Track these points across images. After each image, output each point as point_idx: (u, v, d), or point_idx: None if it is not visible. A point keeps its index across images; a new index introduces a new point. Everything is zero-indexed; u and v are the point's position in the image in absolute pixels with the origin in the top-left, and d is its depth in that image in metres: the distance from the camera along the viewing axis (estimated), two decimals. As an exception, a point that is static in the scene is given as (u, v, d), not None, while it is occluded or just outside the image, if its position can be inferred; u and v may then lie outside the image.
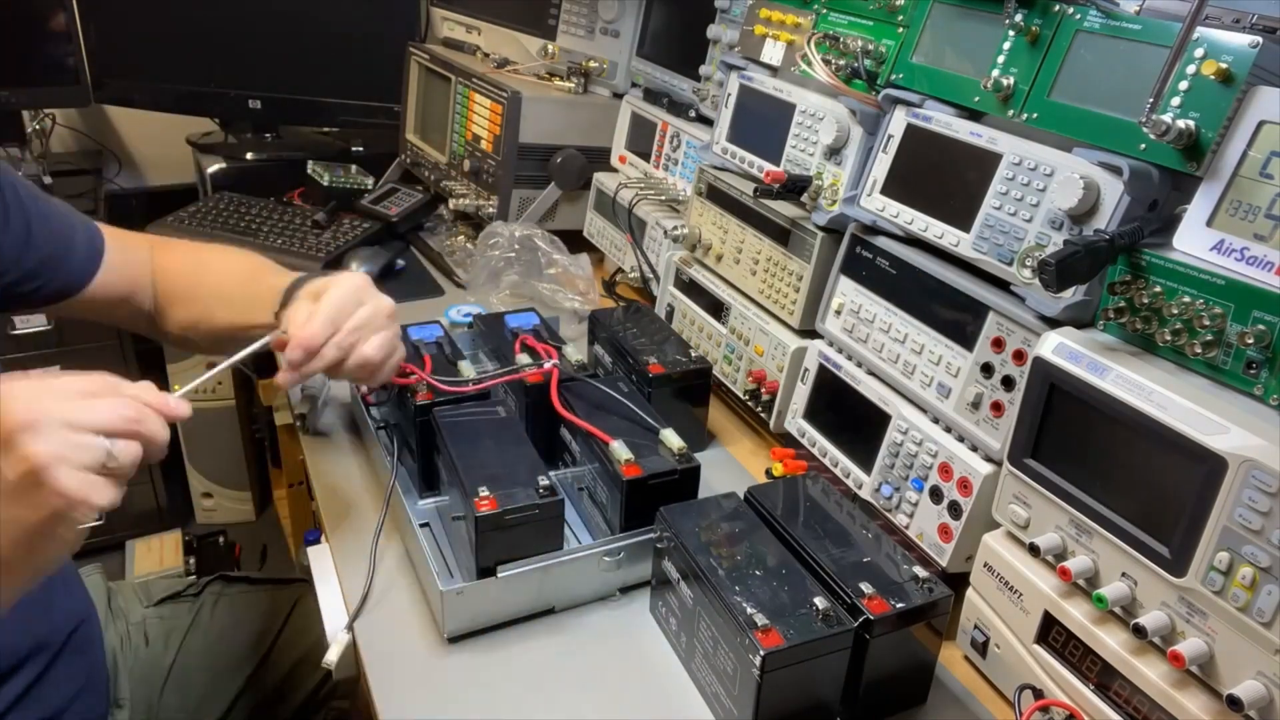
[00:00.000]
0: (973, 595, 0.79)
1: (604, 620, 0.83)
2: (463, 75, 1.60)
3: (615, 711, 0.74)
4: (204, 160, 1.90)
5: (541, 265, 1.39)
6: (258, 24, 1.87)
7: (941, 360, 0.85)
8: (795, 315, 1.05)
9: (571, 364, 1.03)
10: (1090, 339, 0.69)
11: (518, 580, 0.80)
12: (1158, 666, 0.64)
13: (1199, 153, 0.65)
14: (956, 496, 0.82)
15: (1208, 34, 0.65)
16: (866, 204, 0.94)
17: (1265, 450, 0.56)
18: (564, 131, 1.53)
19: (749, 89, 1.14)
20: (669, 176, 1.41)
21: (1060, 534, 0.71)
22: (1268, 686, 0.57)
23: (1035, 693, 0.72)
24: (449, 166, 1.66)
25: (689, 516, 0.80)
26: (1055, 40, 0.77)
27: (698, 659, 0.75)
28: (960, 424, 0.83)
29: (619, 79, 1.57)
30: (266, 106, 1.93)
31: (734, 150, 1.15)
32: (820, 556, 0.75)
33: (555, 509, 0.80)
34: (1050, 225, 0.75)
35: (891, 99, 0.92)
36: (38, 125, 1.91)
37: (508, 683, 0.76)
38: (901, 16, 0.94)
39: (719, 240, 1.18)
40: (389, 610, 0.83)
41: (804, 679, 0.68)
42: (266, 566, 2.12)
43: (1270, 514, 0.55)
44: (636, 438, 0.88)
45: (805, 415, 1.02)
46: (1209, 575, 0.59)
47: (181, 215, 1.64)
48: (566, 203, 1.59)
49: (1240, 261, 0.62)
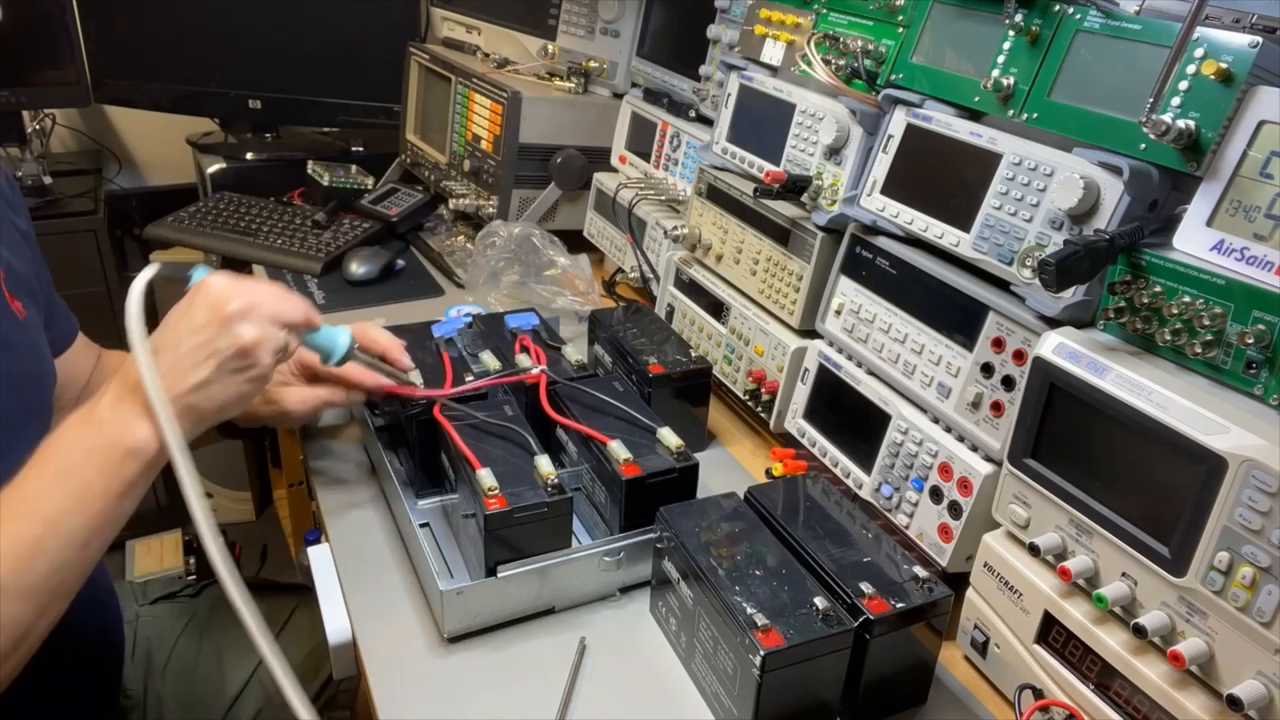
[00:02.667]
0: (973, 595, 0.79)
1: (604, 620, 0.83)
2: (463, 75, 1.60)
3: (615, 711, 0.74)
4: (204, 160, 1.90)
5: (541, 265, 1.39)
6: (258, 24, 1.88)
7: (941, 360, 0.85)
8: (795, 315, 1.05)
9: (572, 364, 1.03)
10: (1090, 339, 0.69)
11: (518, 580, 0.80)
12: (1158, 666, 0.64)
13: (1199, 153, 0.65)
14: (956, 496, 0.82)
15: (1208, 34, 0.65)
16: (866, 204, 0.94)
17: (1265, 450, 0.56)
18: (564, 131, 1.53)
19: (749, 89, 1.14)
20: (669, 176, 1.41)
21: (1060, 534, 0.71)
22: (1268, 686, 0.57)
23: (1035, 692, 0.72)
24: (449, 166, 1.66)
25: (689, 516, 0.79)
26: (1055, 40, 0.77)
27: (698, 659, 0.75)
28: (960, 424, 0.83)
29: (619, 79, 1.57)
30: (266, 106, 1.93)
31: (734, 150, 1.15)
32: (820, 556, 0.75)
33: (564, 507, 0.80)
34: (1050, 225, 0.75)
35: (891, 99, 0.92)
36: (38, 125, 1.91)
37: (508, 683, 0.76)
38: (901, 16, 0.94)
39: (719, 240, 1.18)
40: (389, 610, 0.83)
41: (804, 679, 0.68)
42: (266, 566, 2.12)
43: (1270, 514, 0.55)
44: (634, 437, 0.88)
45: (805, 415, 1.02)
46: (1209, 575, 0.59)
47: (181, 215, 1.64)
48: (566, 203, 1.59)
49: (1240, 261, 0.62)
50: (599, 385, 0.96)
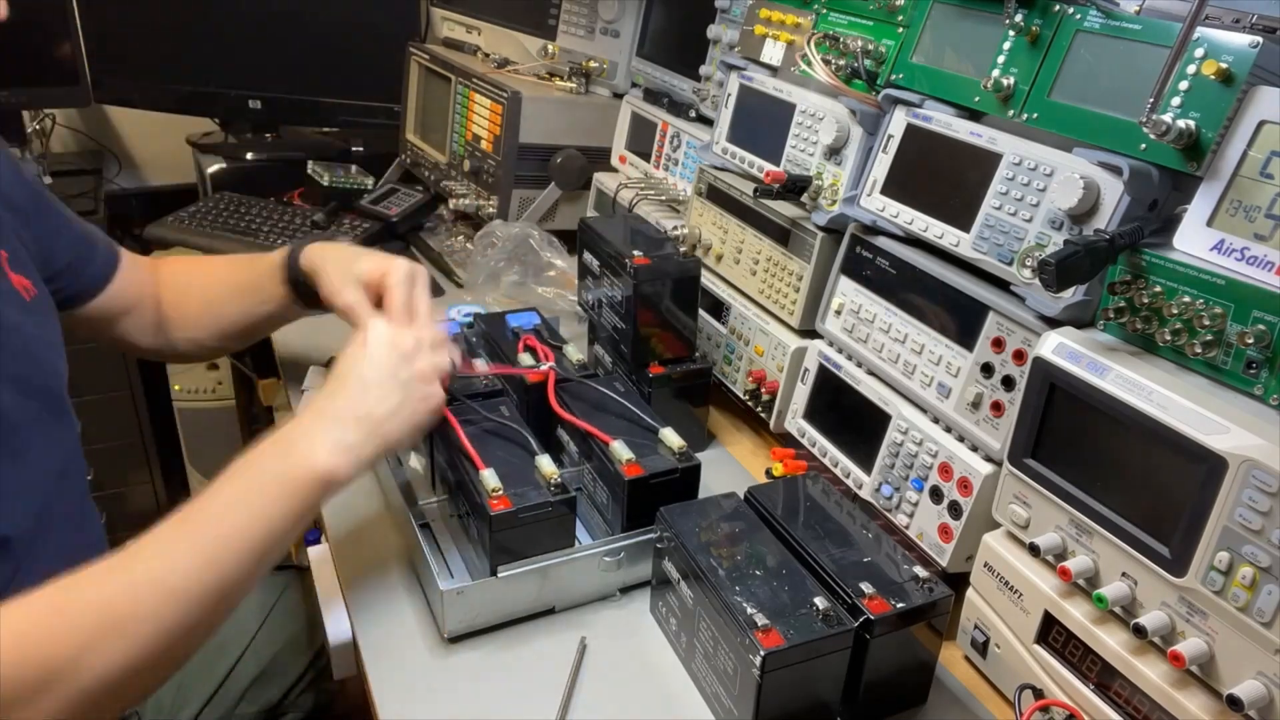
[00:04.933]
0: (973, 595, 0.79)
1: (604, 620, 0.83)
2: (463, 75, 1.60)
3: (615, 711, 0.74)
4: (204, 160, 1.90)
5: (540, 266, 1.39)
6: (258, 24, 1.87)
7: (941, 360, 0.85)
8: (795, 315, 1.05)
9: (572, 364, 1.03)
10: (1090, 339, 0.69)
11: (518, 580, 0.80)
12: (1158, 666, 0.64)
13: (1199, 153, 0.65)
14: (956, 496, 0.82)
15: (1208, 34, 0.65)
16: (866, 204, 0.94)
17: (1265, 450, 0.56)
18: (564, 131, 1.53)
19: (749, 89, 1.14)
20: (669, 176, 1.41)
21: (1060, 534, 0.71)
22: (1268, 686, 0.57)
23: (1035, 692, 0.72)
24: (449, 166, 1.66)
25: (689, 516, 0.80)
26: (1055, 40, 0.77)
27: (698, 659, 0.75)
28: (960, 424, 0.83)
29: (619, 79, 1.57)
30: (266, 106, 1.93)
31: (734, 150, 1.15)
32: (820, 556, 0.75)
33: (567, 507, 0.80)
34: (1050, 225, 0.75)
35: (891, 99, 0.92)
36: (38, 125, 1.92)
37: (508, 683, 0.76)
38: (901, 16, 0.94)
39: (719, 240, 1.18)
40: (389, 610, 0.83)
41: (804, 679, 0.68)
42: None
43: (1270, 514, 0.55)
44: (636, 437, 0.88)
45: (805, 415, 1.02)
46: (1209, 575, 0.59)
47: (181, 215, 1.64)
48: (566, 203, 1.59)
49: (1240, 261, 0.62)
50: (601, 384, 0.97)
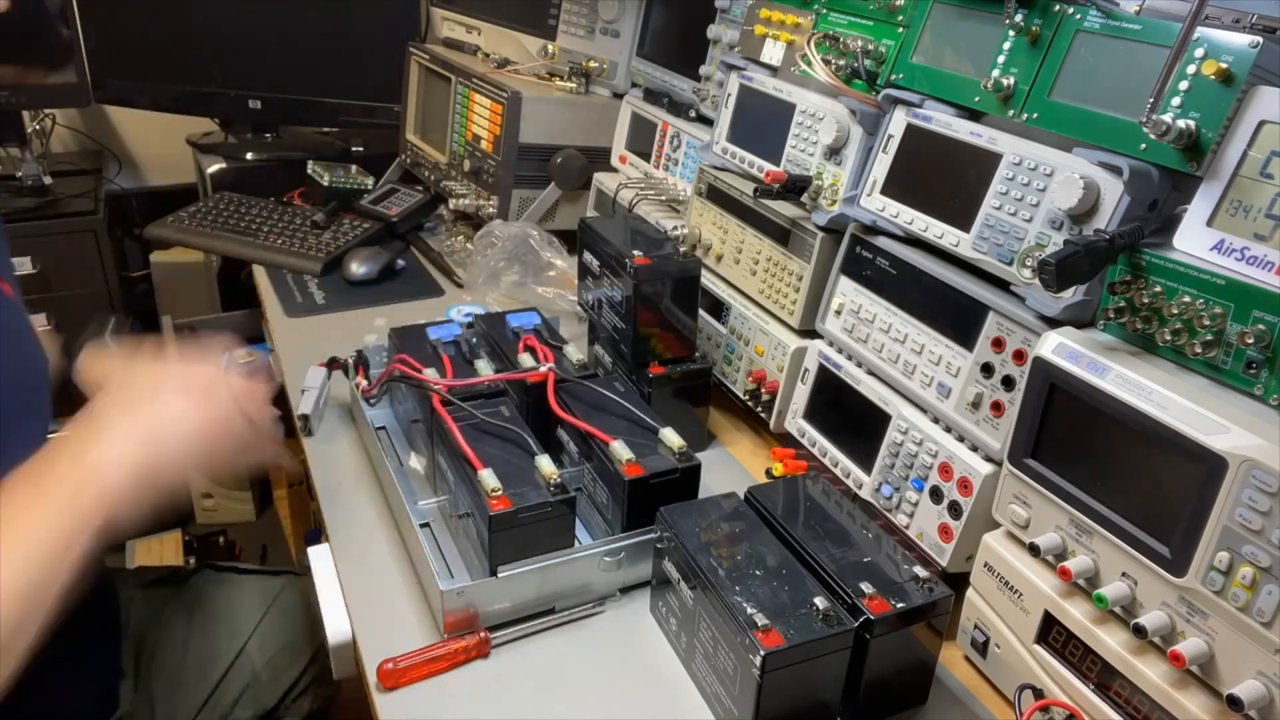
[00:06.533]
0: (973, 595, 0.79)
1: (604, 620, 0.83)
2: (463, 75, 1.60)
3: (615, 711, 0.74)
4: (204, 160, 1.90)
5: (540, 266, 1.39)
6: (258, 24, 1.88)
7: (941, 360, 0.85)
8: (795, 315, 1.05)
9: (572, 364, 1.03)
10: (1090, 339, 0.69)
11: (518, 580, 0.80)
12: (1158, 666, 0.64)
13: (1199, 153, 0.65)
14: (956, 496, 0.82)
15: (1208, 34, 0.65)
16: (866, 204, 0.94)
17: (1265, 450, 0.56)
18: (564, 131, 1.53)
19: (749, 89, 1.14)
20: (669, 176, 1.41)
21: (1060, 534, 0.71)
22: (1268, 686, 0.57)
23: (1035, 692, 0.72)
24: (449, 166, 1.66)
25: (689, 516, 0.80)
26: (1055, 40, 0.77)
27: (698, 659, 0.75)
28: (960, 424, 0.83)
29: (619, 79, 1.57)
30: (266, 106, 1.93)
31: (734, 150, 1.15)
32: (820, 556, 0.75)
33: (567, 507, 0.80)
34: (1050, 225, 0.75)
35: (891, 99, 0.92)
36: (38, 125, 1.91)
37: (508, 683, 0.76)
38: (901, 16, 0.94)
39: (719, 240, 1.18)
40: (389, 610, 0.83)
41: (804, 679, 0.68)
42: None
43: (1270, 514, 0.55)
44: (636, 437, 0.88)
45: (805, 415, 1.02)
46: (1209, 575, 0.59)
47: (181, 215, 1.64)
48: (566, 203, 1.59)
49: (1240, 261, 0.62)
50: (600, 385, 0.97)
